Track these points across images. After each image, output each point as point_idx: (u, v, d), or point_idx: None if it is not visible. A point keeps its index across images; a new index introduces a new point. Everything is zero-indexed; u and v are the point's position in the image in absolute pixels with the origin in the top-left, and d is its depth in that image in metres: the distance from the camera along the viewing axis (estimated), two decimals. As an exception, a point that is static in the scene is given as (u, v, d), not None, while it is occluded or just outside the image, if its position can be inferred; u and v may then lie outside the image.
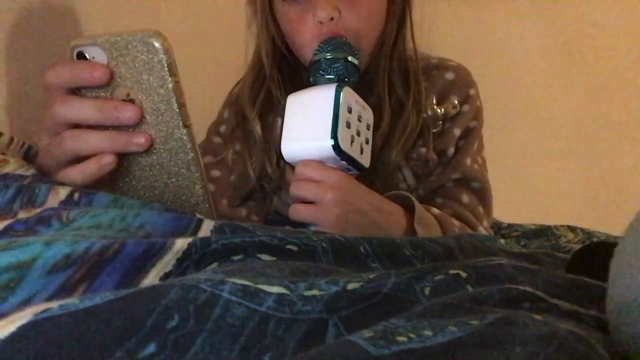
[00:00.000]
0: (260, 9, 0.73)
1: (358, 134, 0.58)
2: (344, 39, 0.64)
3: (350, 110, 0.56)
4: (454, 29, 1.86)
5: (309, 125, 0.56)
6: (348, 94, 0.57)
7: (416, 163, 0.74)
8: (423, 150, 0.74)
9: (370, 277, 0.27)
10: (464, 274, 0.29)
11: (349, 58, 0.62)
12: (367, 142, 0.60)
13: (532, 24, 1.92)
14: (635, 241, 0.26)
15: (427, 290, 0.28)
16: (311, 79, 0.63)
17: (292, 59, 0.75)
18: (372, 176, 0.64)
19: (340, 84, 0.56)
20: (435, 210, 0.66)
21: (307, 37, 0.66)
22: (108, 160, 0.42)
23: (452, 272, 0.29)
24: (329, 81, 0.60)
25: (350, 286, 0.26)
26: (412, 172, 0.74)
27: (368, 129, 0.60)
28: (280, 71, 0.77)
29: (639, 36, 1.87)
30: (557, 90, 1.89)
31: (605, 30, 1.88)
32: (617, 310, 0.25)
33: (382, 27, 0.73)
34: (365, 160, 0.59)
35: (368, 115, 0.61)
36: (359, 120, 0.58)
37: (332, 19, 0.64)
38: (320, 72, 0.62)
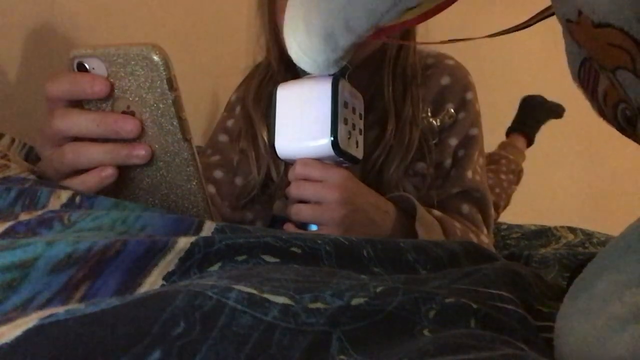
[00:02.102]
0: (267, 17, 0.73)
1: (353, 127, 0.57)
2: None
3: (346, 105, 0.55)
4: (454, 29, 1.87)
5: (305, 122, 0.55)
6: (344, 87, 0.55)
7: (414, 178, 0.73)
8: (421, 165, 0.73)
9: (378, 291, 0.27)
10: (475, 305, 0.29)
11: None
12: (360, 133, 0.59)
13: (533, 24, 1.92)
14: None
15: (431, 314, 0.27)
16: (298, 67, 0.59)
17: None
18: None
19: (336, 77, 0.55)
20: (437, 212, 0.66)
21: None
22: (108, 173, 0.42)
23: (464, 300, 0.29)
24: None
25: (355, 301, 0.26)
26: (413, 186, 0.73)
27: (361, 118, 0.59)
28: (290, 73, 0.75)
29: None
30: (558, 90, 1.89)
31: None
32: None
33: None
34: (359, 153, 0.58)
35: (360, 105, 0.60)
36: (353, 112, 0.57)
37: None
38: None
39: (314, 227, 0.58)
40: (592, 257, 0.30)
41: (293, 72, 0.72)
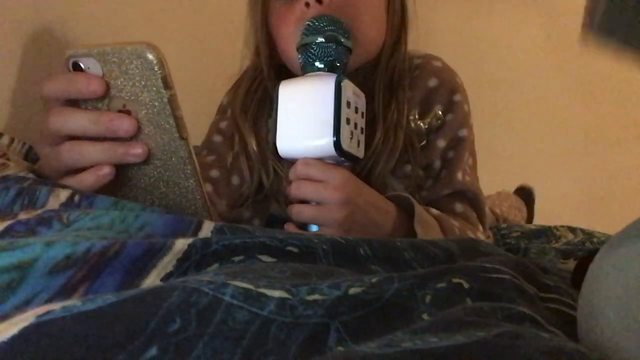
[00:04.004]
0: (260, 19, 0.73)
1: (355, 126, 0.56)
2: (335, 17, 0.59)
3: (349, 105, 0.55)
4: (454, 29, 1.87)
5: (307, 121, 0.54)
6: (346, 86, 0.55)
7: (404, 181, 0.72)
8: (409, 167, 0.72)
9: (373, 281, 0.27)
10: (466, 285, 0.29)
11: (342, 40, 0.58)
12: (362, 132, 0.59)
13: (532, 24, 1.92)
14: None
15: (427, 298, 0.28)
16: (300, 61, 0.60)
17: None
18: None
19: (339, 76, 0.54)
20: (434, 211, 0.66)
21: (292, 26, 0.64)
22: (106, 172, 0.42)
23: (454, 280, 0.29)
24: (319, 69, 0.58)
25: (352, 291, 0.26)
26: (404, 187, 0.72)
27: (362, 117, 0.59)
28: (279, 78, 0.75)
29: (639, 36, 1.87)
30: (557, 90, 1.89)
31: (605, 31, 1.88)
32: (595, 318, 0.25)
33: (383, 30, 0.72)
34: (360, 153, 0.58)
35: (362, 103, 0.59)
36: (356, 112, 0.57)
37: (320, 1, 0.62)
38: (311, 57, 0.58)
39: (314, 228, 0.57)
40: (596, 250, 0.29)
41: (283, 77, 0.72)
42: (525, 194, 1.45)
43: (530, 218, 1.39)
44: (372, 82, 0.73)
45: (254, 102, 0.76)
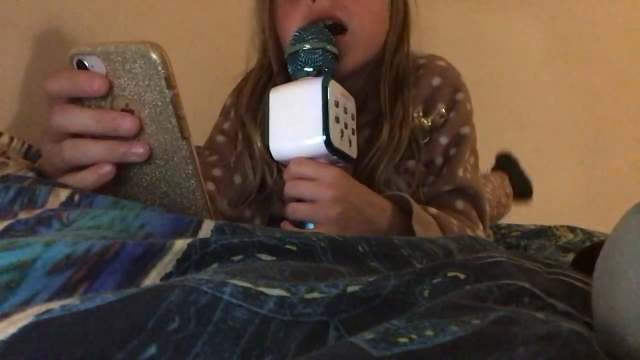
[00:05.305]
0: (267, 17, 0.73)
1: (345, 126, 0.58)
2: (322, 26, 0.63)
3: (337, 104, 0.56)
4: (454, 29, 1.87)
5: (298, 122, 0.56)
6: (334, 87, 0.56)
7: (405, 176, 0.73)
8: (412, 162, 0.73)
9: (370, 279, 0.27)
10: (462, 276, 0.29)
11: (328, 47, 0.60)
12: (353, 133, 0.60)
13: (533, 25, 1.92)
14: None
15: (426, 293, 0.28)
16: (290, 71, 0.62)
17: None
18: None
19: (326, 78, 0.56)
20: (433, 210, 0.66)
21: (298, 22, 0.65)
22: (107, 170, 0.42)
23: (450, 274, 0.29)
24: (308, 74, 0.60)
25: (350, 289, 0.26)
26: (405, 183, 0.73)
27: (353, 119, 0.60)
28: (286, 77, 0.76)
29: (639, 36, 1.87)
30: (558, 90, 1.89)
31: (606, 31, 1.89)
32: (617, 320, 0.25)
33: (385, 28, 0.73)
34: (353, 152, 0.59)
35: (352, 106, 0.61)
36: (345, 112, 0.58)
37: None
38: (299, 64, 0.60)
39: (311, 226, 0.58)
40: (601, 243, 0.29)
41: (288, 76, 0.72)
42: (504, 162, 1.38)
43: (515, 186, 1.31)
44: (377, 80, 0.74)
45: (260, 101, 0.76)
